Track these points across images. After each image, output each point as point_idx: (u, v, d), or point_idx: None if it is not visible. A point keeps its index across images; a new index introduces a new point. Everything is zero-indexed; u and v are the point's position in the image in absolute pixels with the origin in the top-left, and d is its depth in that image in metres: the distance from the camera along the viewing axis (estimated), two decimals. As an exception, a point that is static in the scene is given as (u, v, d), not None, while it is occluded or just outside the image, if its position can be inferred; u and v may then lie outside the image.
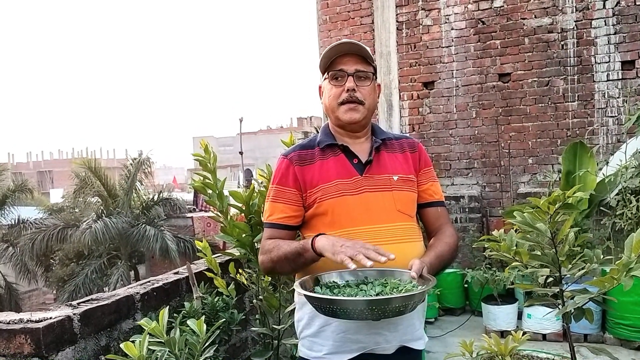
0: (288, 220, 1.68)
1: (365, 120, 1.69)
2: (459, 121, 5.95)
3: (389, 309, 1.34)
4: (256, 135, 46.66)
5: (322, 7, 6.47)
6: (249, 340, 3.05)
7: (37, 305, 18.03)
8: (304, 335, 1.67)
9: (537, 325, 4.31)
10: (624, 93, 5.23)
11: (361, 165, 1.66)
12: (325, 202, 1.62)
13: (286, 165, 1.69)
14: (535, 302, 1.88)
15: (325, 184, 1.63)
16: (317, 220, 1.65)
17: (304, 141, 1.78)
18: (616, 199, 4.13)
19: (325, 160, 1.67)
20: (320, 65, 1.71)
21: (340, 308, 1.36)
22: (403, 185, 1.67)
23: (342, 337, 1.57)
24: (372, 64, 1.69)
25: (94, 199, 14.94)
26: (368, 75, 1.67)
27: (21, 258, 14.40)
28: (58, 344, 1.86)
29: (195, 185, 2.63)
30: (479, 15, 5.79)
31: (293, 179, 1.67)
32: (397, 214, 1.63)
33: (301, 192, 1.66)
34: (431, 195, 1.75)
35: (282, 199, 1.68)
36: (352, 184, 1.63)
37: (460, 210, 5.64)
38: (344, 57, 1.65)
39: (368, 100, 1.67)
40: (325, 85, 1.71)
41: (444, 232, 1.71)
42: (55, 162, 48.64)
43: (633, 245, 1.49)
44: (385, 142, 1.73)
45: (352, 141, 1.71)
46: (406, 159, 1.73)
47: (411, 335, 1.63)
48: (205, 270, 2.73)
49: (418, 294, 1.36)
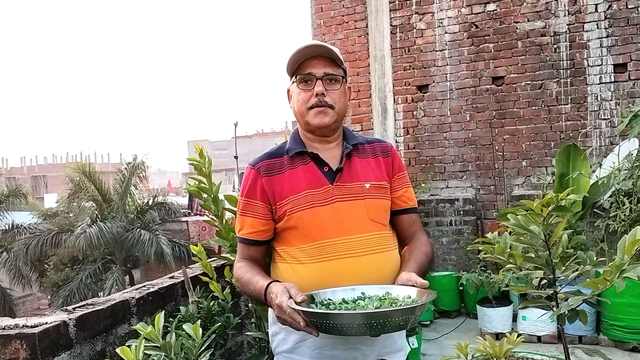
0: (257, 236, 1.63)
1: (335, 125, 1.62)
2: (453, 124, 5.97)
3: (390, 323, 1.27)
4: (251, 139, 46.62)
5: (317, 11, 6.49)
6: (244, 344, 3.05)
7: (31, 310, 17.95)
8: (280, 351, 1.62)
9: (532, 327, 4.32)
10: (617, 96, 5.27)
11: (332, 173, 1.59)
12: (295, 215, 1.56)
13: (254, 176, 1.63)
14: (529, 304, 1.90)
15: (295, 196, 1.57)
16: (288, 233, 1.60)
17: (273, 149, 1.70)
18: (609, 201, 4.16)
19: (294, 170, 1.61)
20: (287, 69, 1.63)
21: (338, 323, 1.29)
22: (375, 192, 1.60)
23: (319, 353, 1.53)
24: (341, 66, 1.63)
25: (88, 204, 14.86)
26: (337, 78, 1.61)
27: (15, 263, 14.31)
28: (54, 349, 1.86)
29: (190, 189, 2.64)
30: (472, 19, 5.82)
31: (260, 192, 1.61)
32: (370, 224, 1.57)
33: (269, 204, 1.60)
34: (405, 202, 1.69)
35: (250, 213, 1.62)
36: (322, 194, 1.56)
37: (455, 213, 5.66)
38: (312, 60, 1.58)
39: (338, 104, 1.60)
40: (293, 89, 1.64)
41: (419, 241, 1.67)
42: (49, 167, 48.41)
43: (626, 247, 1.51)
44: (357, 147, 1.66)
45: (322, 147, 1.64)
46: (379, 164, 1.67)
47: (389, 348, 1.58)
48: (200, 274, 2.73)
49: (419, 306, 1.30)
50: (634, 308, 3.90)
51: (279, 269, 1.63)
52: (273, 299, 1.41)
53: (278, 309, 1.38)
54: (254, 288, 1.52)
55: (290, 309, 1.34)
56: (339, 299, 1.45)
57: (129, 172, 14.23)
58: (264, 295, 1.46)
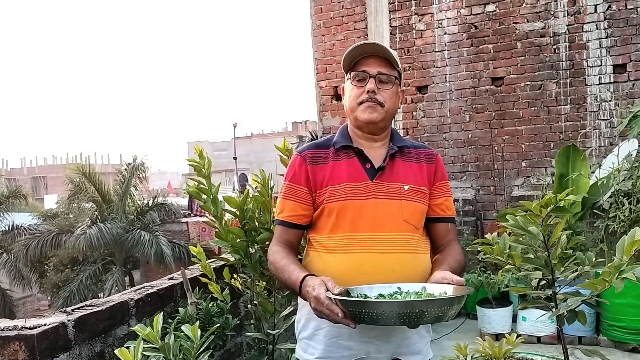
0: (297, 219, 1.67)
1: (383, 123, 1.65)
2: (452, 125, 5.98)
3: (428, 314, 1.27)
4: (251, 139, 46.62)
5: (316, 12, 6.50)
6: (244, 345, 3.05)
7: (31, 311, 17.93)
8: (301, 337, 1.67)
9: (532, 327, 4.32)
10: (616, 96, 5.27)
11: (373, 171, 1.62)
12: (331, 204, 1.60)
13: (299, 162, 1.67)
14: (529, 305, 1.89)
15: (334, 186, 1.61)
16: (321, 222, 1.64)
17: (320, 140, 1.76)
18: (609, 202, 4.16)
19: (337, 162, 1.65)
20: (343, 65, 1.68)
21: (376, 312, 1.28)
22: (413, 195, 1.62)
23: (334, 342, 1.56)
24: (396, 68, 1.66)
25: (88, 205, 14.86)
26: (390, 79, 1.64)
27: (15, 264, 14.30)
28: (52, 350, 1.86)
29: (189, 190, 2.63)
30: (471, 20, 5.82)
31: (305, 177, 1.65)
32: (403, 224, 1.59)
33: (312, 191, 1.65)
34: (444, 210, 1.71)
35: (293, 197, 1.66)
36: (360, 189, 1.59)
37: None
38: (368, 59, 1.63)
39: (388, 104, 1.63)
40: (347, 86, 1.69)
41: (453, 249, 1.68)
42: (49, 168, 48.39)
43: (625, 247, 1.50)
44: (402, 149, 1.68)
45: (368, 144, 1.67)
46: (421, 169, 1.68)
47: (406, 348, 1.58)
48: (199, 275, 2.73)
49: (457, 298, 1.31)
50: (634, 309, 3.91)
51: (309, 257, 1.67)
52: (310, 292, 1.42)
53: (315, 300, 1.39)
54: (288, 277, 1.54)
55: (329, 300, 1.35)
56: (375, 294, 1.45)
57: (129, 173, 14.22)
58: (299, 287, 1.48)
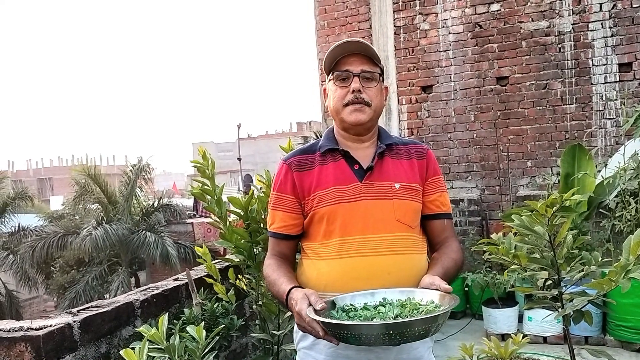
0: (287, 230, 1.63)
1: (371, 123, 1.61)
2: (457, 125, 5.96)
3: (409, 333, 1.21)
4: (256, 140, 46.69)
5: (320, 12, 6.49)
6: (249, 346, 3.05)
7: (38, 312, 18.02)
8: (300, 347, 1.63)
9: (538, 328, 4.30)
10: (622, 95, 5.24)
11: (362, 172, 1.57)
12: (320, 210, 1.55)
13: (285, 171, 1.63)
14: (534, 305, 1.88)
15: (322, 191, 1.56)
16: (313, 229, 1.60)
17: (306, 145, 1.71)
18: (615, 201, 4.13)
19: (324, 166, 1.60)
20: (324, 66, 1.63)
21: (356, 334, 1.24)
22: (405, 193, 1.57)
23: (334, 352, 1.52)
24: (378, 64, 1.62)
25: (94, 206, 14.95)
26: (374, 76, 1.60)
27: (22, 266, 14.39)
28: (58, 351, 1.87)
29: (193, 191, 2.64)
30: (476, 19, 5.80)
31: (291, 186, 1.61)
32: (396, 224, 1.54)
33: (299, 199, 1.60)
34: (438, 206, 1.64)
35: (281, 207, 1.63)
36: (349, 191, 1.55)
37: (460, 214, 5.64)
38: (349, 57, 1.58)
39: (375, 102, 1.59)
40: (330, 87, 1.63)
41: (449, 247, 1.63)
42: (55, 169, 48.62)
43: (631, 247, 1.49)
44: (390, 147, 1.63)
45: (355, 146, 1.63)
46: (412, 166, 1.63)
47: (407, 354, 1.54)
48: (205, 276, 2.73)
49: (440, 315, 1.24)
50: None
51: (303, 266, 1.64)
52: (293, 306, 1.40)
53: (298, 316, 1.38)
54: (277, 290, 1.53)
55: (310, 318, 1.32)
56: (360, 304, 1.41)
57: (134, 174, 14.29)
58: (286, 300, 1.46)
